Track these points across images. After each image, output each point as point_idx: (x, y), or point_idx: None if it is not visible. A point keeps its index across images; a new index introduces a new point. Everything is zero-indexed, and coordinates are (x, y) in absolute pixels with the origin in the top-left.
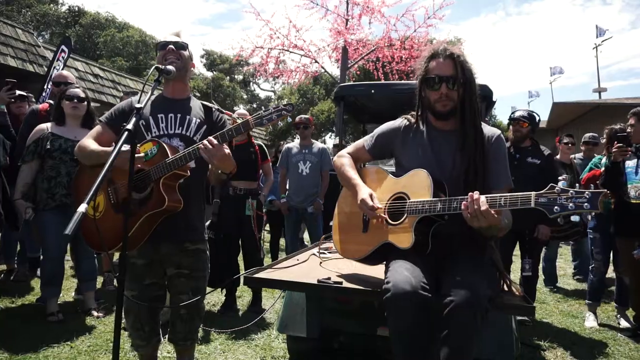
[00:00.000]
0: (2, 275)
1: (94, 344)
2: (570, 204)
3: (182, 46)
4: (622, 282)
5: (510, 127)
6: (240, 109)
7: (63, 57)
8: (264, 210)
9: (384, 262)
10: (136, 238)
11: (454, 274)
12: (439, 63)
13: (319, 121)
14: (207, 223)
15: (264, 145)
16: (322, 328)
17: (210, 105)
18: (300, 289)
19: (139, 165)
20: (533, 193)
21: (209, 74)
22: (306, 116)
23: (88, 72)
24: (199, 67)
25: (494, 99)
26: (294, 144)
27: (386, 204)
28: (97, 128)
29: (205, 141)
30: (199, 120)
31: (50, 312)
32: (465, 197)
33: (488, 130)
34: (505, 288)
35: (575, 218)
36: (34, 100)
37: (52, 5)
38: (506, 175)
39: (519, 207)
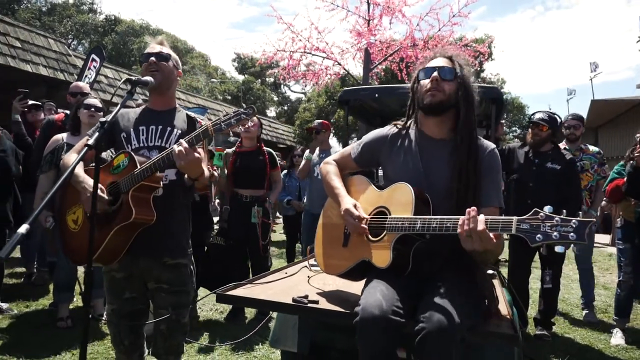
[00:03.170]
0: (22, 279)
1: (95, 351)
2: (555, 233)
3: (164, 57)
4: None
5: (529, 130)
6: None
7: (95, 67)
8: (277, 215)
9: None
10: (112, 251)
11: (430, 297)
12: (435, 60)
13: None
14: (216, 230)
15: (273, 153)
16: (312, 343)
17: (193, 116)
18: (271, 308)
19: (113, 178)
20: (515, 218)
21: (241, 77)
22: (319, 121)
23: (117, 79)
24: (230, 70)
25: (504, 102)
26: (316, 151)
27: (367, 217)
28: (84, 141)
29: (177, 146)
30: (180, 132)
31: (60, 317)
32: (448, 217)
33: (482, 142)
34: (496, 310)
35: (560, 249)
36: (54, 108)
37: (90, 14)
38: (497, 193)
39: (500, 232)
